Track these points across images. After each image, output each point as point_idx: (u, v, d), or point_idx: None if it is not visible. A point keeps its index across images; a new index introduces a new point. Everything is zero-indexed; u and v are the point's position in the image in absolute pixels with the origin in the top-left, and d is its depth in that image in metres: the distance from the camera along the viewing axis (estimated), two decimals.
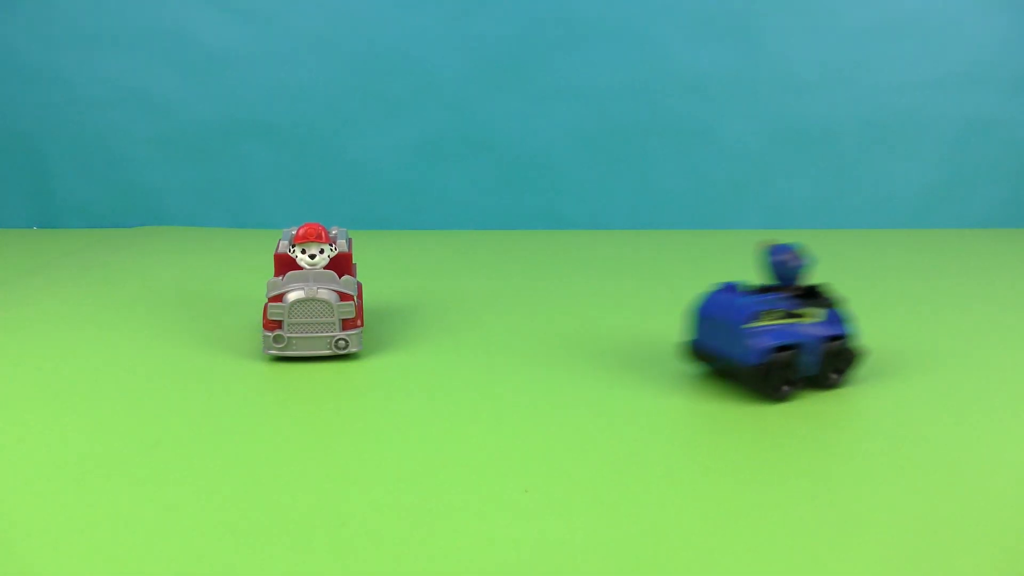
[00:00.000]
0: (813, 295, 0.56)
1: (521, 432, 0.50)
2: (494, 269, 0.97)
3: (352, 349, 0.62)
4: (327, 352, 0.62)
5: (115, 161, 1.26)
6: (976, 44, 1.22)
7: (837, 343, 0.56)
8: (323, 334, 0.62)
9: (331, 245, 0.63)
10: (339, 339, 0.62)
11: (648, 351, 0.66)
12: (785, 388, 0.54)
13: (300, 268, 0.62)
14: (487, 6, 1.21)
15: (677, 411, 0.53)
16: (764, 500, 0.41)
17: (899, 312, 0.77)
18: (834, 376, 0.56)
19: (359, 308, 0.63)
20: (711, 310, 0.57)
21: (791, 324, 0.55)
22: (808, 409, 0.53)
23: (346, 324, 0.62)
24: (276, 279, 0.62)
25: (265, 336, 0.61)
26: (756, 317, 0.54)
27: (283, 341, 0.61)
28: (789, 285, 0.56)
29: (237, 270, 0.96)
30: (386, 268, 0.97)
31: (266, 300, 0.62)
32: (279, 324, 0.61)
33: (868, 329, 0.72)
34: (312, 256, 0.62)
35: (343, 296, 0.62)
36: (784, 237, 1.17)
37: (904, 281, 0.91)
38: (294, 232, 0.64)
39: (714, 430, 0.50)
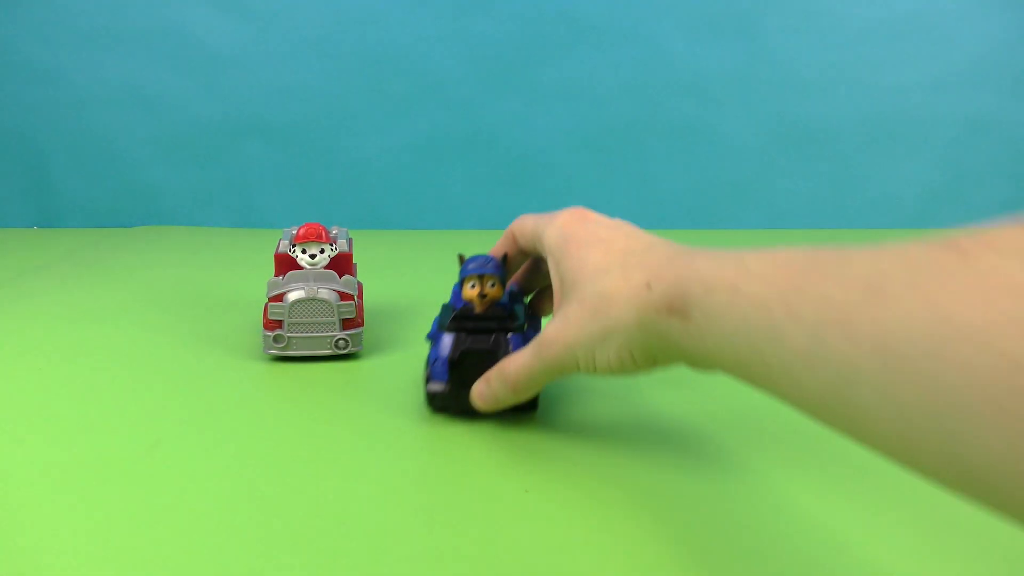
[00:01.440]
0: None
1: (521, 431, 0.50)
2: None
3: (353, 349, 0.62)
4: (328, 352, 0.62)
5: (115, 161, 1.26)
6: (976, 44, 1.22)
7: None
8: (324, 334, 0.62)
9: (331, 245, 0.63)
10: (339, 339, 0.62)
11: None
12: None
13: (300, 268, 0.62)
14: (487, 6, 1.21)
15: (675, 411, 0.53)
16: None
17: None
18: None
19: (360, 308, 0.63)
20: None
21: None
22: None
23: (347, 324, 0.62)
24: (276, 279, 0.62)
25: (265, 336, 0.61)
26: None
27: (283, 341, 0.61)
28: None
29: (237, 270, 0.96)
30: (386, 268, 0.97)
31: (266, 300, 0.62)
32: (279, 324, 0.61)
33: None
34: (312, 256, 0.62)
35: (344, 296, 0.62)
36: (784, 237, 1.17)
37: None
38: (294, 232, 0.64)
39: (717, 431, 0.50)
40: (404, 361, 0.63)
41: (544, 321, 0.55)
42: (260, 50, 1.23)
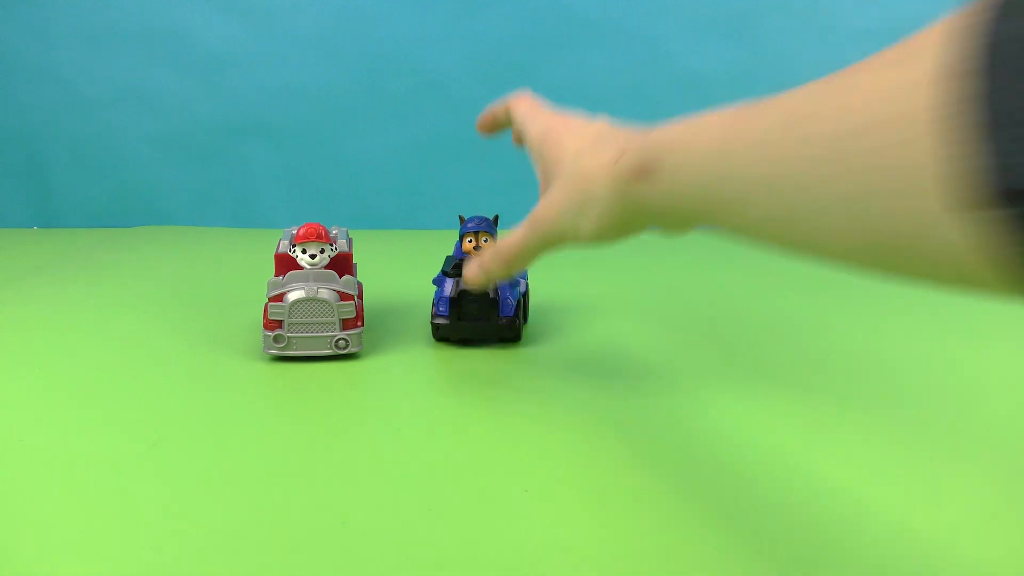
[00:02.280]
0: None
1: (521, 432, 0.50)
2: None
3: (352, 349, 0.62)
4: (327, 352, 0.62)
5: (115, 161, 1.26)
6: None
7: None
8: (323, 334, 0.62)
9: (331, 245, 0.63)
10: (339, 339, 0.62)
11: (645, 352, 0.66)
12: None
13: (300, 268, 0.62)
14: (488, 6, 1.21)
15: (671, 411, 0.53)
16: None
17: (897, 314, 0.77)
18: None
19: (359, 308, 0.63)
20: None
21: None
22: None
23: (346, 324, 0.62)
24: (277, 279, 0.62)
25: (265, 336, 0.61)
26: None
27: (283, 341, 0.61)
28: None
29: (237, 270, 0.96)
30: (386, 268, 0.97)
31: (266, 300, 0.62)
32: (280, 324, 0.61)
33: (867, 329, 0.72)
34: (312, 256, 0.62)
35: (343, 296, 0.62)
36: None
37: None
38: (294, 232, 0.64)
39: (709, 429, 0.50)
40: (404, 361, 0.63)
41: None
42: (260, 50, 1.23)
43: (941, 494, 0.42)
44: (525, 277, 0.70)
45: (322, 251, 0.62)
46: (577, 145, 0.48)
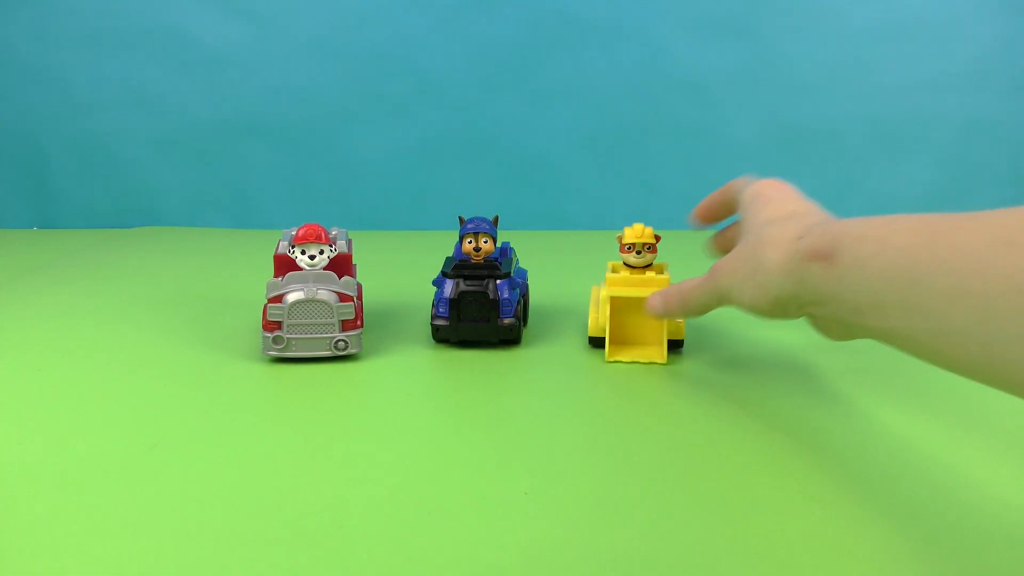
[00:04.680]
0: None
1: (521, 433, 0.50)
2: None
3: (352, 350, 0.62)
4: (327, 353, 0.62)
5: (115, 161, 1.26)
6: (976, 44, 1.22)
7: None
8: (323, 335, 0.62)
9: (331, 246, 0.63)
10: (339, 340, 0.62)
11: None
12: None
13: (300, 269, 0.62)
14: (487, 6, 1.21)
15: (674, 413, 0.53)
16: (765, 494, 0.41)
17: None
18: None
19: (359, 309, 0.63)
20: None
21: None
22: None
23: (346, 325, 0.62)
24: (276, 280, 0.62)
25: (265, 337, 0.61)
26: None
27: (283, 342, 0.61)
28: None
29: (237, 271, 0.96)
30: (386, 269, 0.97)
31: (266, 301, 0.62)
32: (279, 325, 0.61)
33: None
34: (312, 257, 0.62)
35: (343, 297, 0.62)
36: None
37: None
38: (294, 233, 0.64)
39: (710, 434, 0.50)
40: (404, 363, 0.63)
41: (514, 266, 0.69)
42: (260, 51, 1.23)
43: None
44: (525, 278, 0.70)
45: (321, 252, 0.62)
46: (770, 214, 0.48)
